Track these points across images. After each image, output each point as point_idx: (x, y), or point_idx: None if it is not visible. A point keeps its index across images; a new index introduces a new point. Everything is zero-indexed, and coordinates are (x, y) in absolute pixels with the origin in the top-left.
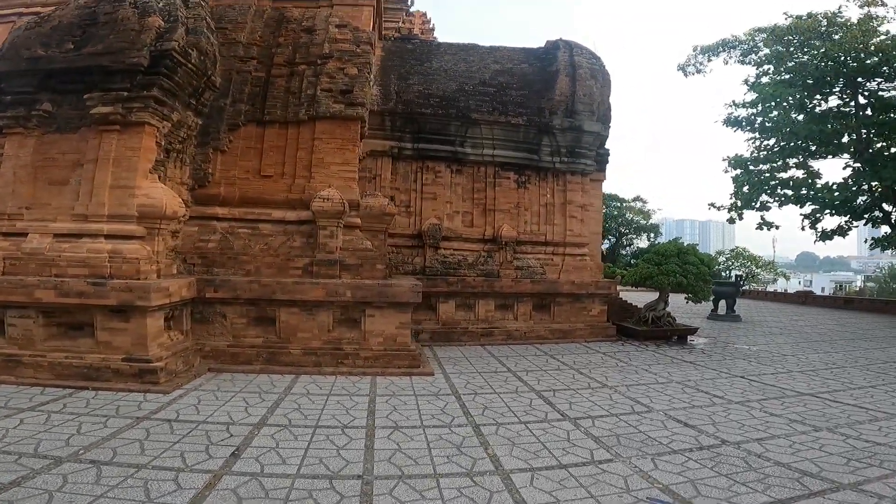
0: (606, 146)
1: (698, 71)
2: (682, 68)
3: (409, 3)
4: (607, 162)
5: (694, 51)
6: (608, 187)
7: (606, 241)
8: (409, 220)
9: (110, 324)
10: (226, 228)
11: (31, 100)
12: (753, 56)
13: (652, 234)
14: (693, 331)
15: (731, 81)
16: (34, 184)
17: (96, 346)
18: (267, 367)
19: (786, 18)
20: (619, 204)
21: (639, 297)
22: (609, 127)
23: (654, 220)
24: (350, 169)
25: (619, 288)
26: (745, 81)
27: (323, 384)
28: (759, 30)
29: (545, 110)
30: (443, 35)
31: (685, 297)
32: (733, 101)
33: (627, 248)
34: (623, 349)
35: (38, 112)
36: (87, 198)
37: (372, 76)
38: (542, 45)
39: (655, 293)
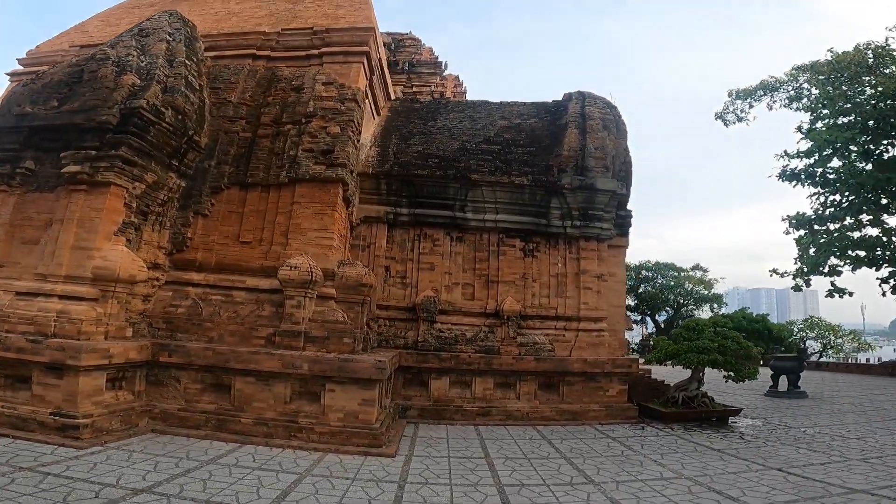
0: (629, 207)
1: (739, 119)
2: (721, 117)
3: (443, 67)
4: (629, 225)
5: (730, 96)
6: (659, 254)
7: (664, 312)
8: (404, 292)
9: (45, 379)
10: (199, 294)
11: (15, 157)
12: (804, 100)
13: (715, 305)
14: (736, 411)
15: (780, 127)
16: (10, 242)
17: (31, 399)
18: (214, 433)
19: (827, 53)
20: (676, 273)
21: (678, 376)
22: (629, 185)
23: (718, 289)
24: (327, 235)
25: (647, 366)
26: (799, 128)
27: (261, 457)
28: (800, 68)
29: (553, 168)
30: (480, 96)
31: (724, 376)
32: (785, 152)
33: (689, 318)
34: (640, 434)
35: (22, 170)
36: (50, 258)
37: (358, 135)
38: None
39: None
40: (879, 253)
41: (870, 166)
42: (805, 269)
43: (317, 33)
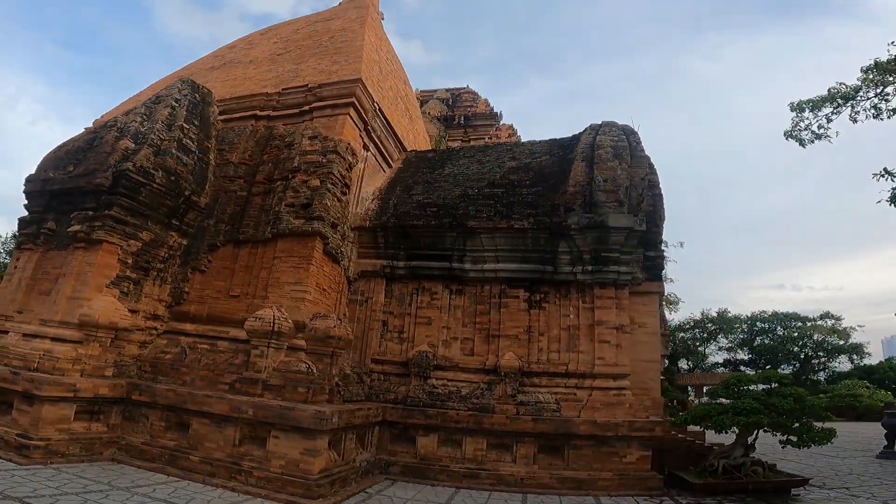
0: (661, 247)
1: (818, 136)
2: (794, 136)
3: (499, 117)
4: (661, 268)
5: (794, 110)
6: (794, 305)
7: (791, 366)
8: (401, 347)
9: (21, 406)
10: (189, 343)
11: (40, 218)
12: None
13: (854, 356)
14: (800, 482)
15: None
16: (30, 293)
17: (10, 422)
18: (164, 467)
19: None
20: (800, 324)
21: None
22: (658, 220)
23: (858, 338)
24: (302, 288)
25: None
26: None
27: (184, 492)
28: (881, 68)
29: (560, 207)
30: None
31: (780, 441)
32: (885, 170)
33: (821, 372)
34: None
35: (45, 230)
36: (52, 306)
37: (343, 187)
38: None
39: None
40: None
41: None
42: None
43: (311, 90)
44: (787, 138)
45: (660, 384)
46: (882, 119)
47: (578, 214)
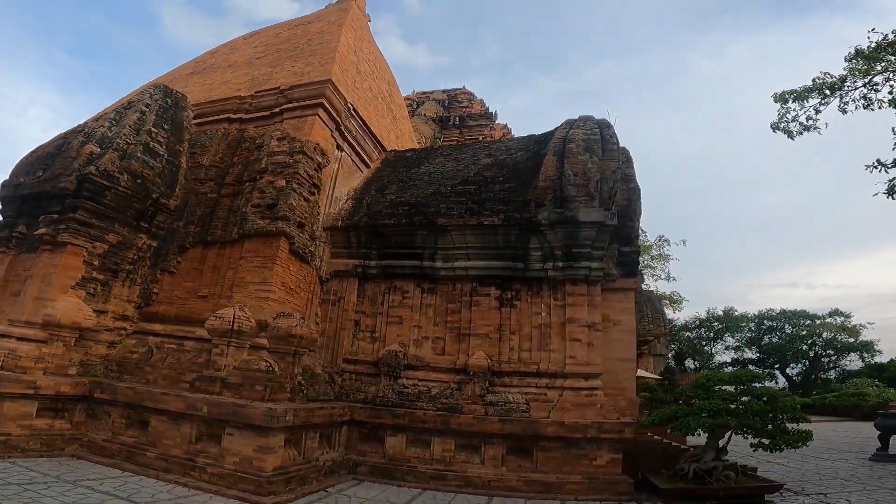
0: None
1: (807, 128)
2: (782, 128)
3: (494, 117)
4: (636, 263)
5: (777, 101)
6: (808, 303)
7: (800, 365)
8: (372, 347)
9: None
10: (157, 343)
11: (12, 223)
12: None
13: (865, 354)
14: (773, 487)
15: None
16: (2, 294)
17: None
18: (122, 463)
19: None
20: (808, 321)
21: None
22: (634, 214)
23: (869, 336)
24: (265, 288)
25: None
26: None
27: (132, 487)
28: (863, 56)
29: (531, 203)
30: None
31: (751, 444)
32: (878, 162)
33: (831, 371)
34: None
35: (16, 234)
36: (20, 307)
37: (311, 187)
38: None
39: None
40: None
41: None
42: None
43: (283, 92)
44: (774, 130)
45: (635, 384)
46: (873, 110)
47: (549, 209)
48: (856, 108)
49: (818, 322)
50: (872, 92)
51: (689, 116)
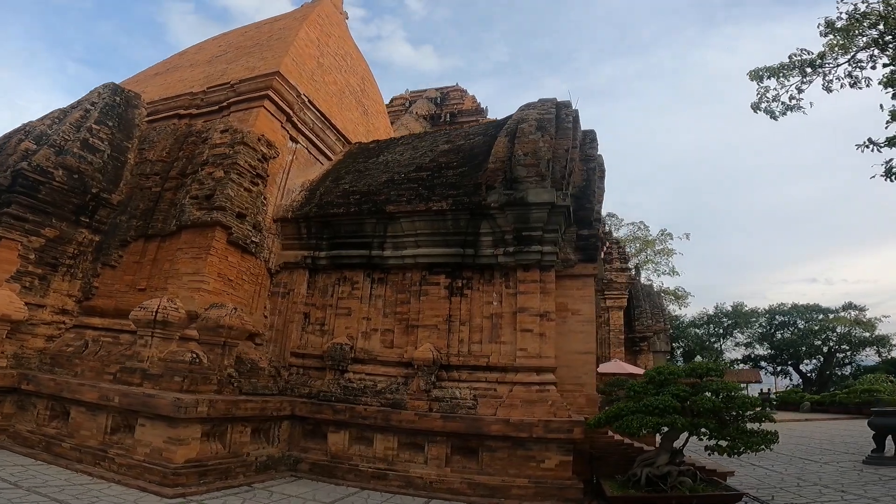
0: (596, 223)
1: (790, 108)
2: (763, 108)
3: (485, 113)
4: (596, 247)
5: (753, 79)
6: (827, 300)
7: (815, 361)
8: (321, 340)
9: None
10: (94, 336)
11: None
12: (873, 68)
13: (881, 348)
14: (732, 497)
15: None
16: None
17: None
18: (40, 453)
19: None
20: (821, 316)
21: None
22: (589, 195)
23: (885, 330)
24: (198, 279)
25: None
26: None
27: (30, 474)
28: (835, 29)
29: (482, 186)
30: None
31: (706, 448)
32: (869, 141)
33: (847, 366)
34: None
35: None
36: None
37: (256, 177)
38: None
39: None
40: None
41: None
42: None
43: (233, 87)
44: (755, 111)
45: (595, 379)
46: (860, 88)
47: (499, 192)
48: (841, 86)
49: (831, 316)
50: (857, 70)
51: (703, 112)
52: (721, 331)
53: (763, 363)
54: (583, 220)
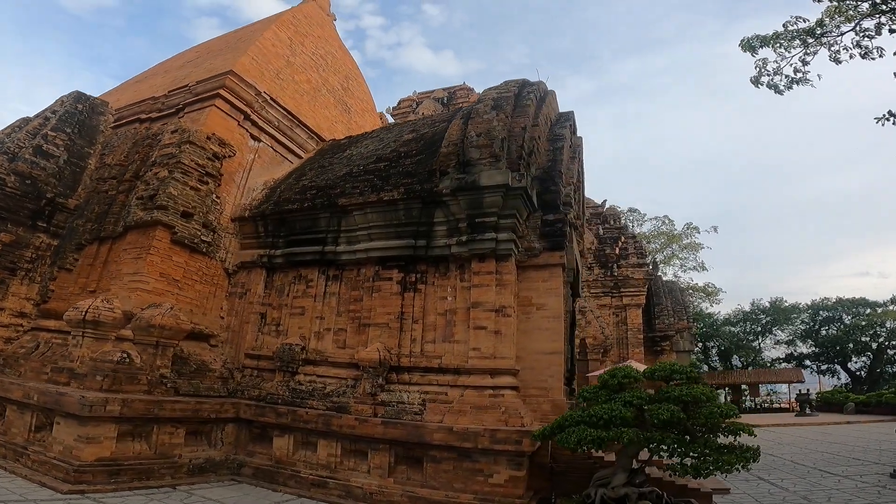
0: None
1: (796, 81)
2: (766, 83)
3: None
4: (563, 234)
5: (747, 50)
6: (882, 294)
7: (864, 357)
8: (276, 341)
9: None
10: (47, 338)
11: None
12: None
13: None
14: None
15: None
16: None
17: None
18: None
19: None
20: (868, 311)
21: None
22: (554, 176)
23: None
24: (138, 279)
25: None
26: None
27: None
28: None
29: (436, 172)
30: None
31: (668, 467)
32: (889, 113)
33: None
34: None
35: None
36: None
37: (204, 176)
38: None
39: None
40: None
41: None
42: None
43: (190, 88)
44: (756, 85)
45: (562, 383)
46: (873, 59)
47: (451, 177)
48: (850, 56)
49: (879, 311)
50: (865, 39)
51: (733, 105)
52: (759, 328)
53: (807, 362)
54: (548, 203)
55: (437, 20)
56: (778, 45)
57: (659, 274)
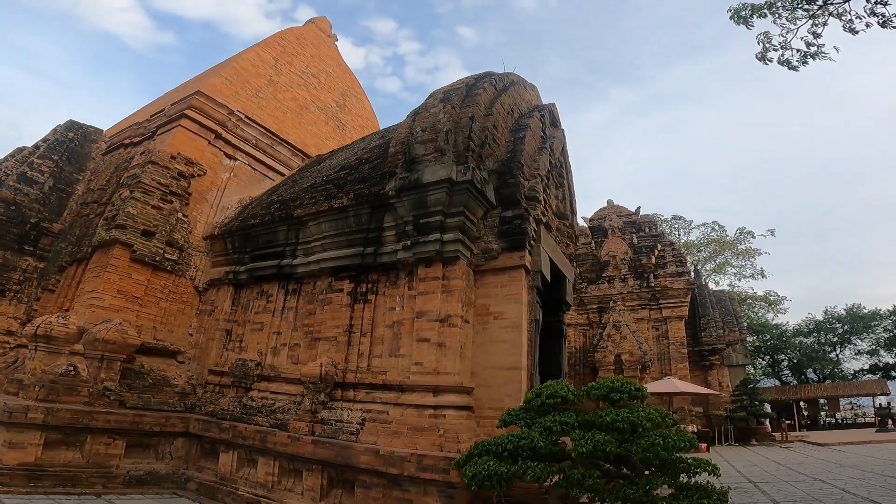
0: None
1: (809, 56)
2: (777, 59)
3: None
4: (523, 231)
5: (739, 22)
6: None
7: None
8: (238, 357)
9: None
10: (24, 354)
11: None
12: None
13: None
14: None
15: None
16: None
17: None
18: None
19: None
20: None
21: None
22: (512, 168)
23: None
24: (94, 296)
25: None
26: None
27: None
28: None
29: (386, 175)
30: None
31: None
32: None
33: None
34: None
35: None
36: None
37: (168, 195)
38: None
39: None
40: None
41: None
42: None
43: (165, 112)
44: (762, 61)
45: (522, 402)
46: (893, 27)
47: (397, 177)
48: (867, 26)
49: None
50: (880, 6)
51: (793, 106)
52: (835, 338)
53: (894, 372)
54: (508, 198)
55: (471, 41)
56: (776, 14)
57: (704, 283)
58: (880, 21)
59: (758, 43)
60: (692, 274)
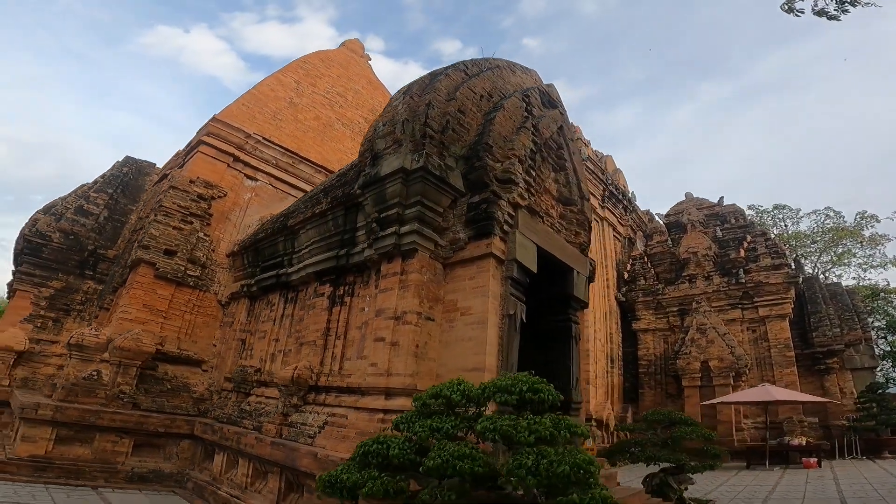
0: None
1: (850, 3)
2: (812, 9)
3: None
4: (492, 217)
5: None
6: None
7: None
8: (247, 364)
9: None
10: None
11: None
12: None
13: None
14: None
15: None
16: None
17: None
18: None
19: None
20: None
21: None
22: (479, 151)
23: None
24: (126, 310)
25: None
26: None
27: None
28: None
29: (359, 175)
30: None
31: None
32: None
33: None
34: None
35: None
36: None
37: (187, 216)
38: None
39: None
40: None
41: None
42: None
43: (192, 141)
44: (792, 13)
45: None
46: None
47: (364, 175)
48: None
49: None
50: None
51: None
52: None
53: None
54: (475, 183)
55: (538, 51)
56: None
57: (815, 275)
58: None
59: None
60: (793, 266)
